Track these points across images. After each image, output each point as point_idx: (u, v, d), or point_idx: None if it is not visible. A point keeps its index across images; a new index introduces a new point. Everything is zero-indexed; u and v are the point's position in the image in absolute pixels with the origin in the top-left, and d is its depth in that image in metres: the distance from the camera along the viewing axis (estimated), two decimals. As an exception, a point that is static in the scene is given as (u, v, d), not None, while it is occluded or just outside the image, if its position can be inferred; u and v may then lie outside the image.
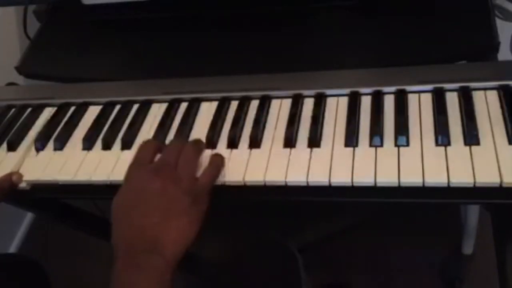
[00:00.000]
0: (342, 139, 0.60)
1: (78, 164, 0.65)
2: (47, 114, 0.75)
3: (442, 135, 0.57)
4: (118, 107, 0.72)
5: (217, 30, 0.82)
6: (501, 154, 0.54)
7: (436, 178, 0.53)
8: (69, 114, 0.73)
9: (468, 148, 0.55)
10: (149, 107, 0.71)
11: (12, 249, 1.46)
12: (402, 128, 0.59)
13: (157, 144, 0.61)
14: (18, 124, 0.74)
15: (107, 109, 0.73)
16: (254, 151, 0.61)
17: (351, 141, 0.59)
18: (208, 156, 0.61)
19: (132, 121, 0.70)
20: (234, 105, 0.68)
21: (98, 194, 0.63)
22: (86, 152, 0.67)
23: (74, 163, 0.66)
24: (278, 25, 0.80)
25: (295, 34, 0.78)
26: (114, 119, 0.71)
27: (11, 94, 0.80)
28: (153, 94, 0.72)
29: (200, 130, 0.66)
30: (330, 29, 0.77)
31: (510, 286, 0.59)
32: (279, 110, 0.66)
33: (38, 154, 0.69)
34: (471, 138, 0.56)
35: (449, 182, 0.53)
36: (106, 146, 0.67)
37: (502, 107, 0.59)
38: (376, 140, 0.58)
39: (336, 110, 0.64)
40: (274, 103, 0.67)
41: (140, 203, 0.54)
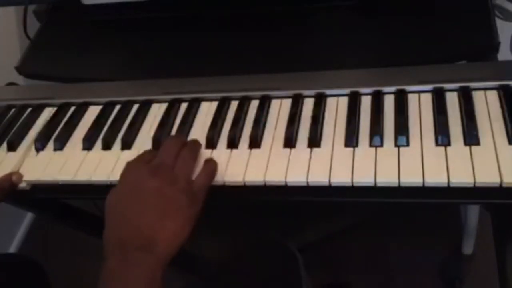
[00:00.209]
0: (342, 139, 0.60)
1: (78, 164, 0.65)
2: (47, 114, 0.75)
3: (442, 135, 0.57)
4: (118, 107, 0.72)
5: (217, 30, 0.82)
6: (501, 154, 0.54)
7: (436, 178, 0.53)
8: (69, 114, 0.73)
9: (468, 148, 0.55)
10: (149, 107, 0.71)
11: (12, 249, 1.46)
12: (402, 128, 0.59)
13: (157, 153, 0.59)
14: (18, 124, 0.74)
15: (107, 109, 0.73)
16: (254, 151, 0.61)
17: (351, 141, 0.59)
18: (207, 156, 0.62)
19: (132, 121, 0.70)
20: (234, 105, 0.68)
21: (98, 194, 0.63)
22: (86, 152, 0.67)
23: (74, 163, 0.66)
24: (278, 25, 0.80)
25: (295, 34, 0.78)
26: (114, 119, 0.71)
27: (11, 94, 0.80)
28: (153, 94, 0.72)
29: (200, 130, 0.66)
30: (330, 29, 0.77)
31: (510, 286, 0.59)
32: (279, 110, 0.66)
33: (38, 154, 0.69)
34: (471, 138, 0.56)
35: (449, 182, 0.53)
36: (106, 146, 0.67)
37: (502, 107, 0.59)
38: (376, 140, 0.58)
39: (336, 110, 0.64)
40: (274, 103, 0.67)
41: (135, 202, 0.54)
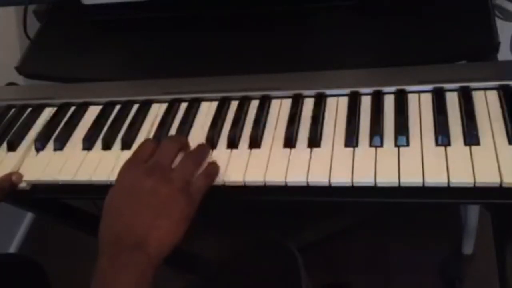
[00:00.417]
0: (342, 139, 0.60)
1: (78, 164, 0.65)
2: (47, 114, 0.75)
3: (442, 135, 0.57)
4: (118, 107, 0.72)
5: (217, 30, 0.82)
6: (501, 154, 0.54)
7: (436, 178, 0.53)
8: (69, 114, 0.73)
9: (468, 148, 0.55)
10: (149, 107, 0.71)
11: (12, 249, 1.46)
12: (402, 128, 0.59)
13: (156, 144, 0.61)
14: (18, 124, 0.74)
15: (107, 109, 0.73)
16: (254, 151, 0.61)
17: (351, 141, 0.59)
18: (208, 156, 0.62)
19: (132, 121, 0.70)
20: (234, 105, 0.68)
21: (98, 194, 0.62)
22: (86, 152, 0.67)
23: (74, 163, 0.66)
24: (278, 25, 0.80)
25: (295, 34, 0.77)
26: (114, 119, 0.71)
27: (11, 94, 0.80)
28: (153, 94, 0.72)
29: (200, 130, 0.66)
30: (330, 29, 0.77)
31: (510, 286, 0.58)
32: (279, 110, 0.66)
33: (38, 154, 0.69)
34: (471, 138, 0.56)
35: (449, 182, 0.53)
36: (106, 146, 0.67)
37: (502, 107, 0.59)
38: (376, 140, 0.58)
39: (336, 110, 0.64)
40: (274, 103, 0.67)
41: (130, 201, 0.54)
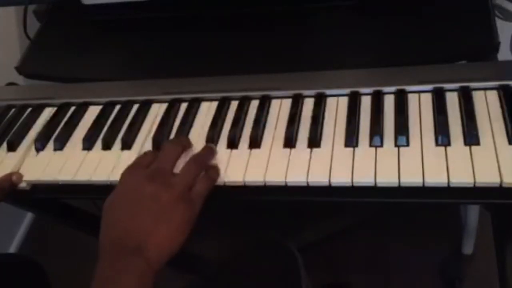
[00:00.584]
0: (342, 139, 0.60)
1: (78, 164, 0.65)
2: (47, 114, 0.75)
3: (442, 135, 0.57)
4: (118, 107, 0.72)
5: (217, 30, 0.82)
6: (501, 154, 0.54)
7: (436, 178, 0.53)
8: (69, 114, 0.73)
9: (468, 148, 0.55)
10: (149, 107, 0.71)
11: (12, 249, 1.46)
12: (402, 128, 0.59)
13: (157, 153, 0.60)
14: (18, 124, 0.74)
15: (107, 109, 0.73)
16: (254, 151, 0.61)
17: (351, 141, 0.59)
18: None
19: (132, 121, 0.70)
20: (234, 105, 0.68)
21: (98, 194, 0.63)
22: (86, 152, 0.67)
23: (74, 163, 0.66)
24: (278, 25, 0.80)
25: (295, 34, 0.77)
26: (114, 119, 0.71)
27: (11, 94, 0.80)
28: (153, 94, 0.72)
29: (200, 130, 0.66)
30: (330, 29, 0.77)
31: (510, 286, 0.58)
32: (279, 110, 0.66)
33: (38, 154, 0.69)
34: (471, 138, 0.56)
35: (449, 182, 0.53)
36: (106, 146, 0.67)
37: (502, 107, 0.59)
38: (376, 140, 0.58)
39: (336, 110, 0.64)
40: (274, 103, 0.67)
41: (130, 206, 0.54)
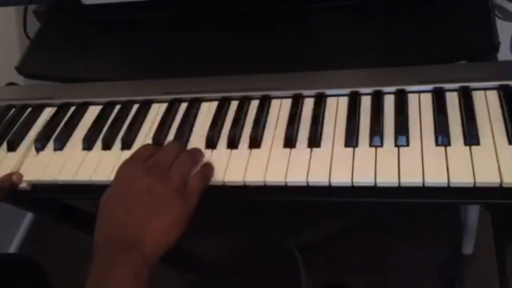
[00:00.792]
0: (342, 139, 0.60)
1: (78, 164, 0.65)
2: (47, 114, 0.75)
3: (442, 135, 0.57)
4: (118, 107, 0.72)
5: (217, 30, 0.82)
6: (501, 154, 0.54)
7: (436, 178, 0.53)
8: (69, 114, 0.73)
9: (468, 148, 0.55)
10: (149, 107, 0.71)
11: (12, 249, 1.46)
12: (402, 128, 0.59)
13: (156, 147, 0.61)
14: (18, 124, 0.74)
15: (107, 109, 0.73)
16: (254, 151, 0.61)
17: (351, 141, 0.59)
18: (207, 156, 0.62)
19: (132, 121, 0.70)
20: (234, 105, 0.68)
21: (98, 194, 0.62)
22: (86, 152, 0.67)
23: (74, 163, 0.66)
24: (278, 25, 0.80)
25: (295, 34, 0.77)
26: (114, 119, 0.71)
27: (11, 94, 0.80)
28: (153, 94, 0.72)
29: (200, 130, 0.66)
30: (330, 29, 0.77)
31: (510, 286, 0.58)
32: (279, 110, 0.66)
33: (38, 154, 0.69)
34: (471, 138, 0.56)
35: (449, 182, 0.53)
36: (106, 146, 0.67)
37: (502, 107, 0.59)
38: (376, 140, 0.58)
39: (336, 110, 0.64)
40: (274, 103, 0.67)
41: (125, 200, 0.54)
